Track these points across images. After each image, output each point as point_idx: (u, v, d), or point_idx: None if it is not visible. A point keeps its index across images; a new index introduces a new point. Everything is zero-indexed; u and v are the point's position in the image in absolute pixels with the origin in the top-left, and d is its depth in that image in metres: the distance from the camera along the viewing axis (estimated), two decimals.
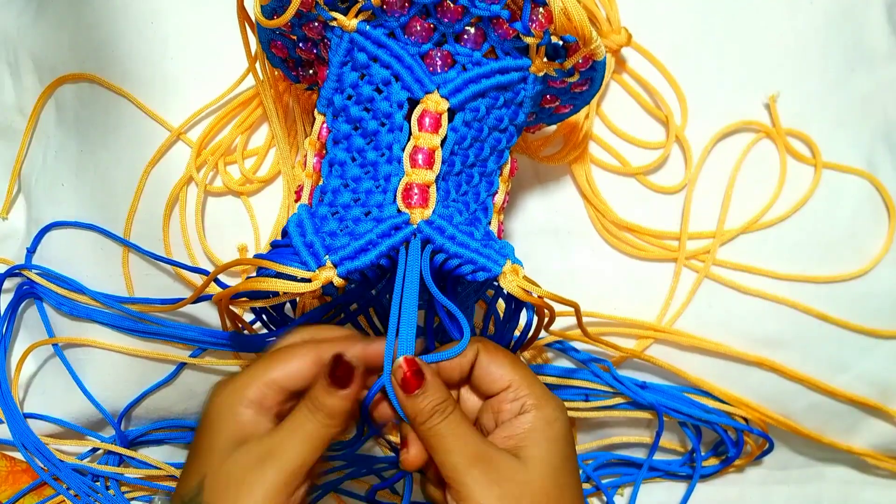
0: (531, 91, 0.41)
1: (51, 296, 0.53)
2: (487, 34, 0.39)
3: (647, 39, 0.55)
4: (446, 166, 0.39)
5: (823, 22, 0.55)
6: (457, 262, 0.38)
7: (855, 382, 0.55)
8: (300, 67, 0.46)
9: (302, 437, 0.35)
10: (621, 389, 0.52)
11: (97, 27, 0.53)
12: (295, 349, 0.37)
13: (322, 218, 0.40)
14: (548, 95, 0.44)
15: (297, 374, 0.36)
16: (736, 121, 0.55)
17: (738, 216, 0.55)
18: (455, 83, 0.39)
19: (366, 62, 0.39)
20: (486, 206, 0.42)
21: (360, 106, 0.40)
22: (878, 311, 0.55)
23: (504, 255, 0.39)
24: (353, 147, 0.40)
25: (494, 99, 0.40)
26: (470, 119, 0.39)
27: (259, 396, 0.36)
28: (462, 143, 0.40)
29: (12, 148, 0.56)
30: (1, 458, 0.56)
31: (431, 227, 0.38)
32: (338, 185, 0.40)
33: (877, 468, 0.58)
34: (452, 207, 0.39)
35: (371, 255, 0.37)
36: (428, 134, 0.38)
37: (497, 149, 0.42)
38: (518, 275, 0.38)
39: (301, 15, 0.40)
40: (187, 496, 0.35)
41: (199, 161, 0.52)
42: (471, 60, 0.39)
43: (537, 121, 0.48)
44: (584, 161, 0.54)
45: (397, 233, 0.37)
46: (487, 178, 0.42)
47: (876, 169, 0.55)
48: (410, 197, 0.38)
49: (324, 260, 0.37)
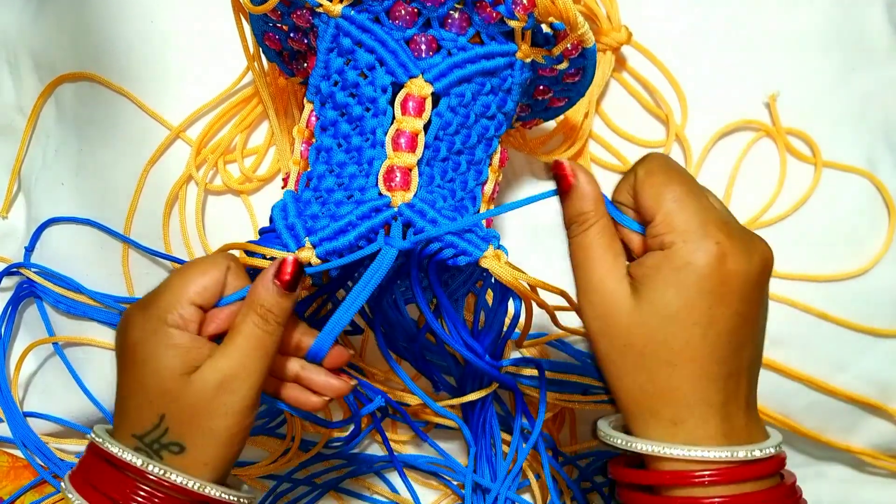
0: (519, 78, 0.41)
1: (49, 294, 0.53)
2: (472, 18, 0.39)
3: (648, 38, 0.55)
4: (430, 151, 0.39)
5: (824, 21, 0.55)
6: (437, 245, 0.38)
7: (854, 381, 0.55)
8: (294, 61, 0.46)
9: (259, 352, 0.35)
10: None
11: (97, 26, 0.53)
12: (204, 262, 0.36)
13: (306, 202, 0.40)
14: (540, 86, 0.44)
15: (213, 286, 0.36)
16: (736, 119, 0.55)
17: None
18: (439, 68, 0.38)
19: (351, 47, 0.39)
20: (475, 195, 0.42)
21: (346, 91, 0.40)
22: (878, 309, 0.55)
23: (487, 240, 0.39)
24: (339, 133, 0.40)
25: (481, 85, 0.40)
26: (455, 104, 0.39)
27: (188, 317, 0.35)
28: (447, 128, 0.39)
29: (12, 147, 0.56)
30: (2, 455, 0.57)
31: (412, 210, 0.37)
32: (323, 171, 0.40)
33: (876, 467, 0.58)
34: (437, 193, 0.39)
35: (350, 235, 0.37)
36: (411, 118, 0.38)
37: (485, 137, 0.42)
38: (500, 260, 0.38)
39: (290, 2, 0.40)
40: (147, 435, 0.34)
41: (198, 160, 0.52)
42: (456, 45, 0.39)
43: (532, 115, 0.48)
44: (585, 161, 0.54)
45: (377, 214, 0.37)
46: (476, 167, 0.42)
47: (876, 168, 0.55)
48: (392, 179, 0.38)
49: (304, 241, 0.37)
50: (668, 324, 0.32)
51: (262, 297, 0.35)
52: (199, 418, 0.34)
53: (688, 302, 0.32)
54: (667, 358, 0.32)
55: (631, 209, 0.36)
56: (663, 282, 0.32)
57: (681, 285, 0.32)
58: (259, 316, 0.35)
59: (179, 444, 0.34)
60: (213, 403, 0.34)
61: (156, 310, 0.35)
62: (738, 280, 0.32)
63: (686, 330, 0.32)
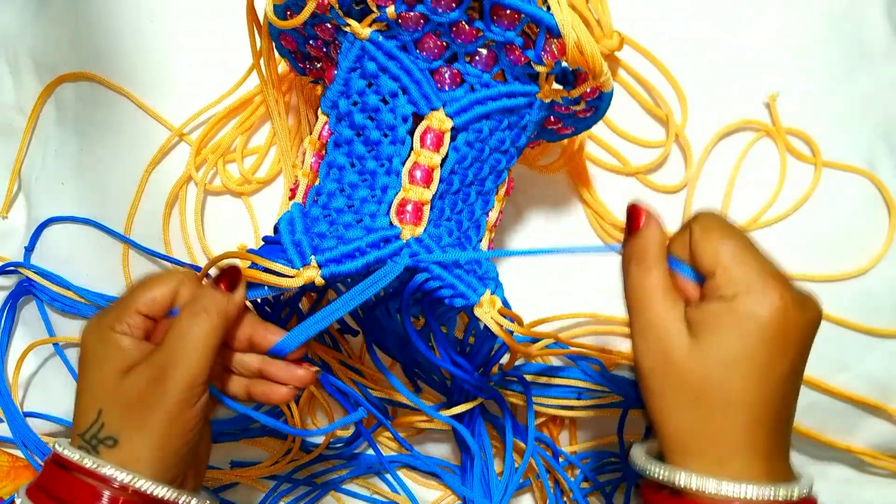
0: (536, 116, 0.41)
1: (46, 293, 0.53)
2: (499, 58, 0.39)
3: (648, 38, 0.55)
4: (444, 185, 0.39)
5: (823, 21, 0.55)
6: (437, 283, 0.38)
7: (855, 381, 0.55)
8: (307, 61, 0.46)
9: (189, 344, 0.35)
10: (611, 388, 0.52)
11: (97, 26, 0.53)
12: (156, 277, 0.38)
13: (314, 219, 0.40)
14: (551, 117, 0.44)
15: (161, 298, 0.37)
16: (736, 120, 0.55)
17: (738, 215, 0.55)
18: (461, 103, 0.38)
19: (375, 72, 0.39)
20: (480, 224, 0.42)
21: (365, 114, 0.40)
22: (879, 309, 0.55)
23: (485, 283, 0.39)
24: (353, 153, 0.40)
25: (499, 122, 0.40)
26: (472, 140, 0.39)
27: (133, 324, 0.36)
28: (462, 162, 0.40)
29: (12, 147, 0.56)
30: (2, 454, 0.57)
31: (420, 244, 0.38)
32: (334, 189, 0.40)
33: (876, 467, 0.58)
34: (443, 227, 0.40)
35: (357, 262, 0.37)
36: (429, 151, 0.38)
37: (496, 169, 0.42)
38: (494, 306, 0.39)
39: (315, 16, 0.40)
40: (87, 431, 0.35)
41: (198, 160, 0.52)
42: (480, 81, 0.39)
43: (538, 138, 0.48)
44: (582, 168, 0.54)
45: (386, 245, 0.37)
46: (484, 197, 0.42)
47: (876, 168, 0.55)
48: (404, 213, 0.38)
49: (309, 259, 0.37)
50: (727, 369, 0.33)
51: (197, 294, 0.36)
52: (133, 411, 0.35)
53: (749, 350, 0.33)
54: (722, 402, 0.33)
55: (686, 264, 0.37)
56: (725, 329, 0.33)
57: (743, 334, 0.33)
58: (194, 313, 0.36)
59: (113, 438, 0.35)
60: (146, 395, 0.35)
61: (106, 318, 0.37)
62: (796, 332, 0.34)
63: (745, 377, 0.33)
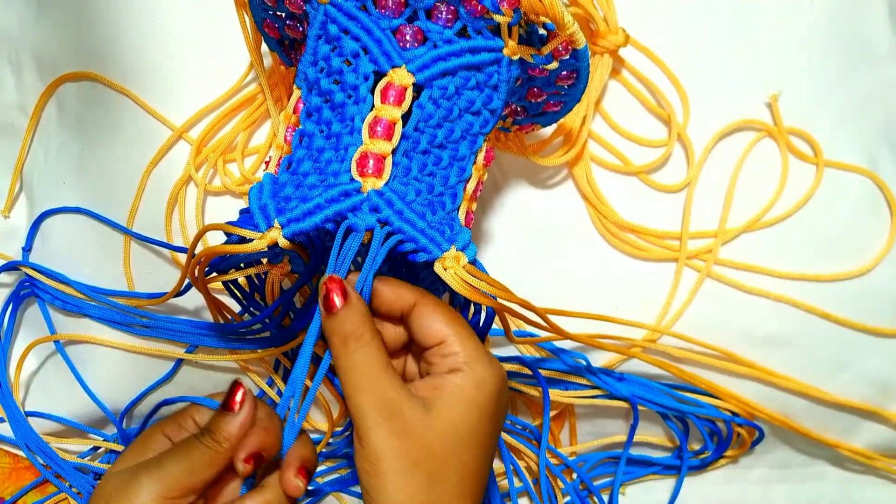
0: (505, 75, 0.41)
1: (47, 291, 0.53)
2: (458, 11, 0.39)
3: (649, 37, 0.54)
4: (409, 142, 0.39)
5: (825, 20, 0.55)
6: (399, 237, 0.38)
7: (856, 381, 0.55)
8: (294, 50, 0.46)
9: (181, 454, 0.36)
10: (596, 381, 0.52)
11: (99, 25, 0.53)
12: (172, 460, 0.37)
13: (282, 185, 0.40)
14: (533, 88, 0.44)
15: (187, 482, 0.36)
16: (737, 119, 0.55)
17: (739, 215, 0.55)
18: (422, 59, 0.38)
19: (337, 34, 0.39)
20: (456, 193, 0.42)
21: (331, 78, 0.40)
22: (880, 309, 0.55)
23: (452, 240, 0.39)
24: (322, 120, 0.40)
25: (465, 79, 0.40)
26: (437, 97, 0.39)
27: None
28: (428, 120, 0.39)
29: (14, 146, 0.56)
30: (4, 455, 0.57)
31: (381, 197, 0.37)
32: (303, 155, 0.40)
33: (876, 468, 0.58)
34: (412, 185, 0.39)
35: (317, 217, 0.37)
36: (389, 106, 0.38)
37: (469, 133, 0.42)
38: (458, 262, 0.38)
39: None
40: None
41: (198, 159, 0.52)
42: (442, 38, 0.39)
43: (528, 119, 0.48)
44: (585, 164, 0.54)
45: (346, 199, 0.37)
46: (459, 163, 0.42)
47: (878, 167, 0.55)
48: (365, 165, 0.38)
49: (273, 221, 0.37)
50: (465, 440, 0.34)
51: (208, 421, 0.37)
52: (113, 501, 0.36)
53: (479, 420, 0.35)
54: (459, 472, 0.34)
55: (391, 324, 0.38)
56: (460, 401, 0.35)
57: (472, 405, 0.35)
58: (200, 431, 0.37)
59: None
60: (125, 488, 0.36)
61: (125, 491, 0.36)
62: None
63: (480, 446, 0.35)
